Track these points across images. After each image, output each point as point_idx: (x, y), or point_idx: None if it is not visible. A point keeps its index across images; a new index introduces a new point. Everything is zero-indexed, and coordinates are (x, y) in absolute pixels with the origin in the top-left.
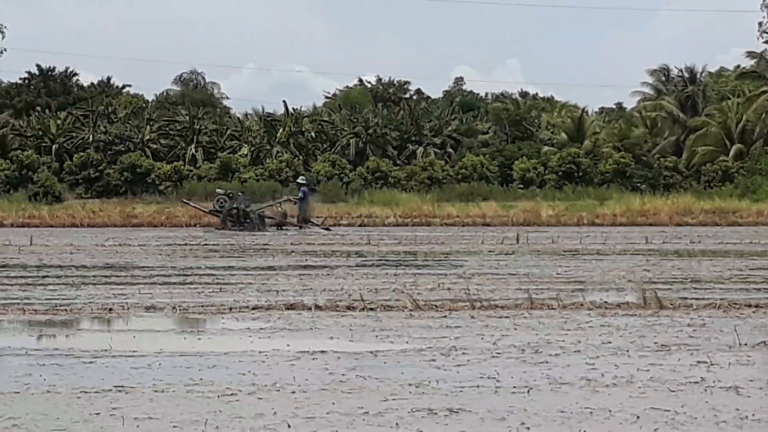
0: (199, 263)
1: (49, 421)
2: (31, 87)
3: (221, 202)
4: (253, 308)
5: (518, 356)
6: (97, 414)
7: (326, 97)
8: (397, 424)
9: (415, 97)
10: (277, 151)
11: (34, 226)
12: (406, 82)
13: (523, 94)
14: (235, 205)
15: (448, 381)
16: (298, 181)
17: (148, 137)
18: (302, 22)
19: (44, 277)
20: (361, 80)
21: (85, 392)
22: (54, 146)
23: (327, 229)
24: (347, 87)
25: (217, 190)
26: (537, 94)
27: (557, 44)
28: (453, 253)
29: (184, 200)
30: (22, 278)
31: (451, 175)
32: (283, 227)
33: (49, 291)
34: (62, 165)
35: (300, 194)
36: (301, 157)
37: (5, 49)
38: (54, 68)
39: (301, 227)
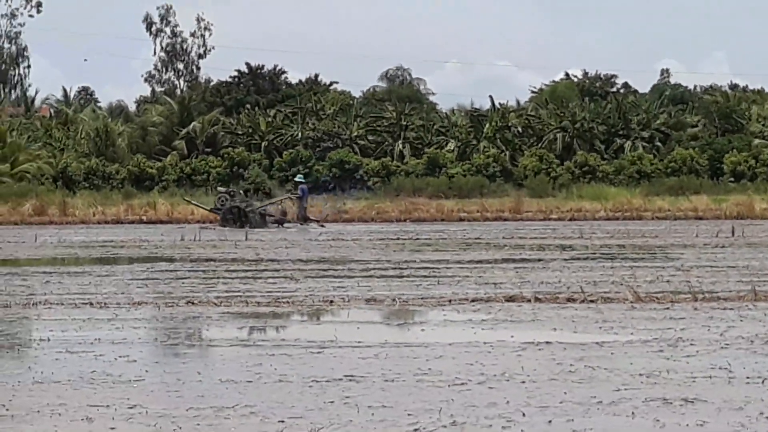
0: (413, 257)
1: (285, 408)
2: (241, 85)
3: (222, 201)
4: (473, 300)
5: (747, 347)
6: (331, 402)
7: (532, 92)
8: (632, 413)
9: (622, 91)
10: (484, 146)
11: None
12: (612, 76)
13: (733, 87)
14: (235, 204)
15: (679, 371)
16: (296, 179)
17: (355, 133)
18: (504, 17)
19: (263, 270)
20: (567, 74)
21: (317, 381)
22: (263, 143)
23: (322, 225)
24: (553, 81)
25: (219, 188)
26: (746, 86)
27: (765, 35)
28: (668, 246)
29: (186, 198)
30: (241, 272)
31: (660, 168)
32: (284, 225)
33: (269, 284)
34: (272, 162)
35: (299, 192)
36: (507, 152)
37: (213, 47)
38: (263, 66)
39: (301, 224)
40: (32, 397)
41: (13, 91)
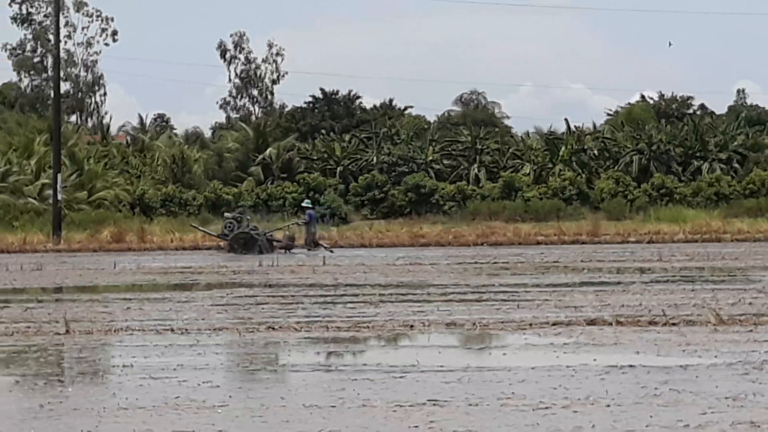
0: (492, 281)
1: None
2: (316, 110)
3: (230, 227)
4: (554, 324)
5: None
6: (416, 427)
7: (608, 114)
8: None
9: (698, 112)
10: (560, 170)
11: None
12: (689, 98)
13: None
14: (242, 229)
15: (766, 394)
16: (303, 204)
17: (430, 158)
18: (578, 40)
19: (342, 295)
20: (643, 96)
21: (400, 406)
22: (339, 168)
23: (330, 250)
24: (629, 104)
25: (225, 214)
26: None
27: None
28: (748, 268)
29: (193, 224)
30: (321, 297)
31: (738, 190)
32: (291, 250)
33: (349, 309)
34: (347, 187)
35: (306, 218)
36: (583, 175)
37: (286, 73)
38: (337, 92)
39: (309, 249)
40: (118, 423)
41: (89, 119)
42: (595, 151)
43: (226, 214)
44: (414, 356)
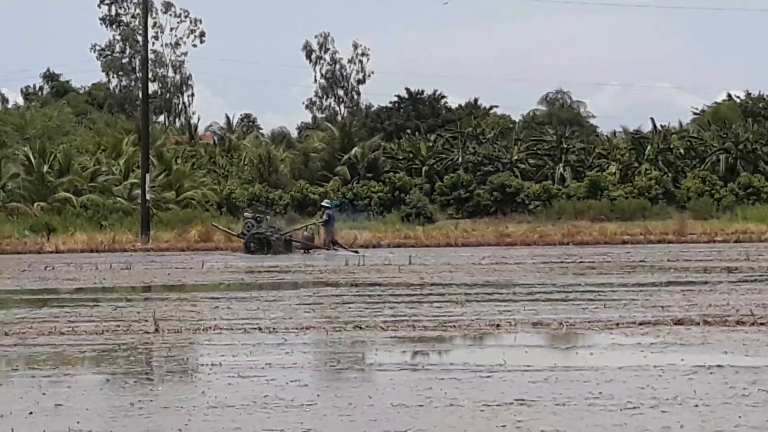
0: (578, 280)
1: None
2: (401, 110)
3: (248, 226)
4: (641, 323)
5: None
6: (503, 426)
7: (694, 113)
8: None
9: None
10: (646, 169)
11: (409, 246)
12: None
13: None
14: (258, 230)
15: None
16: (323, 204)
17: (516, 157)
18: (664, 38)
19: (428, 294)
20: (729, 95)
21: (487, 405)
22: (424, 168)
23: (355, 251)
24: (715, 103)
25: (245, 214)
26: None
27: None
28: None
29: (213, 224)
30: (407, 296)
31: None
32: (310, 250)
33: (435, 308)
34: (433, 186)
35: (325, 217)
36: (669, 175)
37: (372, 73)
38: (422, 91)
39: (327, 249)
40: (207, 421)
41: (177, 119)
42: (681, 150)
43: (245, 214)
44: (501, 356)
